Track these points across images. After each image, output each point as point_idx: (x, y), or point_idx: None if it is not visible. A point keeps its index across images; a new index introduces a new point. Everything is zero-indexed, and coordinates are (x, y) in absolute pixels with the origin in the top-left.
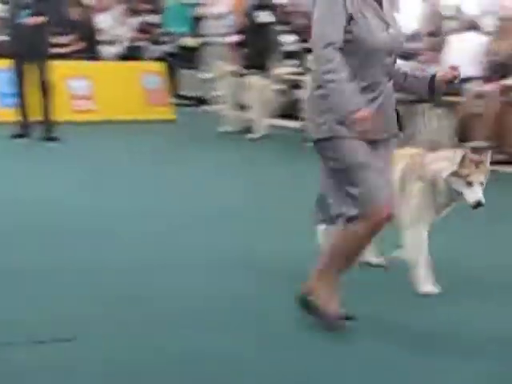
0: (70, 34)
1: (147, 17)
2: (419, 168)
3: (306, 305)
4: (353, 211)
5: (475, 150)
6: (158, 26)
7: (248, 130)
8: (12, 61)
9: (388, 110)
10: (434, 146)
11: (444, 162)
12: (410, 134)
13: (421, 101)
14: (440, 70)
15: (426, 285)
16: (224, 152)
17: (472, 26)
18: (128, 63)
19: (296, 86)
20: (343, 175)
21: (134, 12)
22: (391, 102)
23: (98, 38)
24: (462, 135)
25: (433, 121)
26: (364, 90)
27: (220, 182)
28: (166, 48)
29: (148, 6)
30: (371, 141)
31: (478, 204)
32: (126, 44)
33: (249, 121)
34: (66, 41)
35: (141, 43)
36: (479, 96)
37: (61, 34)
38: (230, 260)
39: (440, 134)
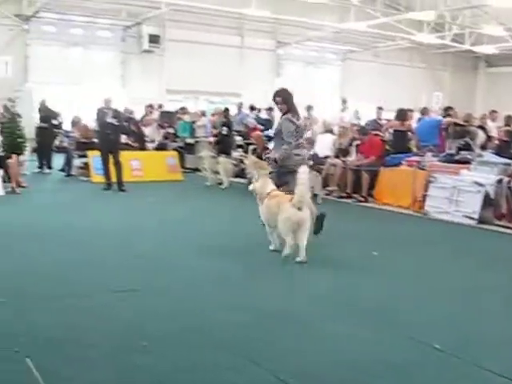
0: (131, 137)
1: (168, 129)
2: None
3: None
4: None
5: (330, 191)
6: (173, 134)
7: (220, 184)
8: (100, 151)
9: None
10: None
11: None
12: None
13: None
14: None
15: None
16: (208, 194)
17: (328, 130)
18: (159, 152)
19: (241, 162)
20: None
21: (162, 127)
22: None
23: (145, 139)
24: (325, 184)
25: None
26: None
27: (208, 208)
28: (178, 144)
29: (168, 124)
30: None
31: None
32: (158, 142)
33: (220, 179)
34: (129, 141)
35: (165, 142)
36: (333, 165)
37: (128, 137)
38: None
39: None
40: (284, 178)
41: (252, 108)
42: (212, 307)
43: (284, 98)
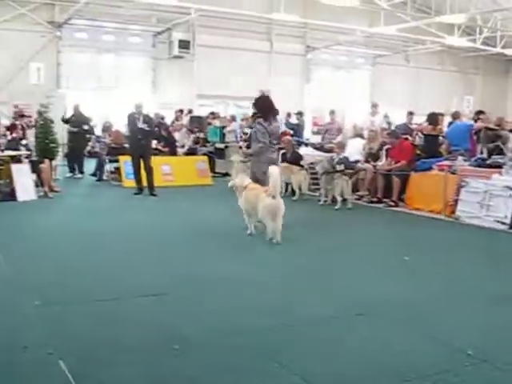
0: (162, 142)
1: (198, 134)
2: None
3: None
4: None
5: (360, 196)
6: (204, 138)
7: None
8: (131, 156)
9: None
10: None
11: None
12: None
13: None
14: None
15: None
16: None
17: (358, 134)
18: (189, 157)
19: None
20: None
21: (192, 131)
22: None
23: (176, 144)
24: (355, 188)
25: (341, 181)
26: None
27: (237, 212)
28: (208, 149)
29: (198, 129)
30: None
31: None
32: (188, 147)
33: None
34: (159, 146)
35: (195, 147)
36: (363, 169)
37: (158, 142)
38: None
39: (344, 188)
40: (258, 169)
41: (288, 114)
42: (243, 310)
43: (259, 106)
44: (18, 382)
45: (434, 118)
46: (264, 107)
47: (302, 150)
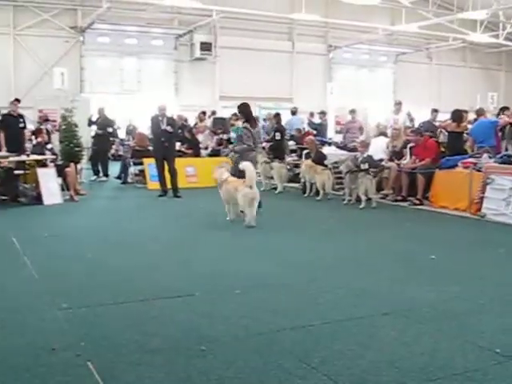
0: (185, 144)
1: (221, 135)
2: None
3: None
4: None
5: (385, 195)
6: (227, 140)
7: (275, 189)
8: (155, 158)
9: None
10: None
11: None
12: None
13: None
14: None
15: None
16: (263, 199)
17: (382, 133)
18: (213, 158)
19: (297, 166)
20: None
21: (215, 133)
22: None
23: (199, 146)
24: (379, 187)
25: (366, 179)
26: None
27: (263, 211)
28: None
29: (221, 130)
30: None
31: None
32: (211, 149)
33: (274, 184)
34: (183, 148)
35: (219, 148)
36: (386, 168)
37: (182, 144)
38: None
39: (369, 187)
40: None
41: (311, 114)
42: (270, 310)
43: (242, 112)
44: (46, 383)
45: (457, 115)
46: (247, 113)
47: (326, 150)
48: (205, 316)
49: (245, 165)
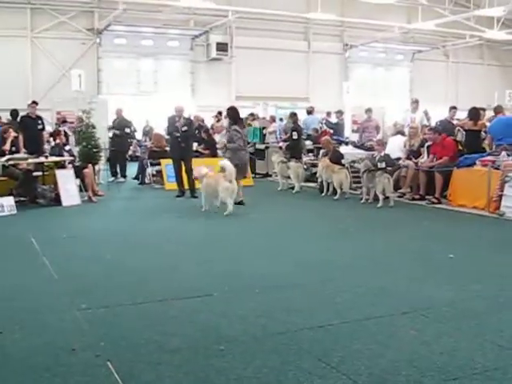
0: (202, 145)
1: None
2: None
3: None
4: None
5: (402, 194)
6: None
7: (292, 188)
8: (172, 159)
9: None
10: None
11: None
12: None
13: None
14: None
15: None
16: (280, 198)
17: (399, 131)
18: None
19: (313, 165)
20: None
21: None
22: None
23: (216, 146)
24: (396, 186)
25: (383, 178)
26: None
27: (280, 211)
28: (249, 150)
29: None
30: None
31: None
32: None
33: (291, 184)
34: (200, 148)
35: None
36: (404, 166)
37: (199, 145)
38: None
39: (386, 186)
40: (232, 162)
41: (328, 114)
42: (288, 309)
43: (230, 115)
44: (66, 383)
45: (474, 113)
46: (235, 116)
47: (343, 149)
48: (223, 316)
49: (224, 163)
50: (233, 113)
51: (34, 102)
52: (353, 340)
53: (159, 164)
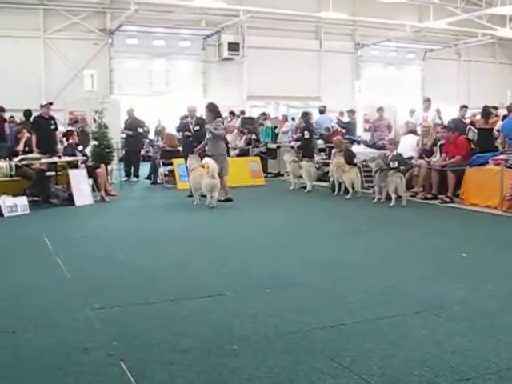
0: None
1: (250, 135)
2: None
3: None
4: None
5: (415, 193)
6: (256, 139)
7: (304, 188)
8: (184, 159)
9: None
10: None
11: None
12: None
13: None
14: None
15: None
16: (292, 198)
17: (411, 130)
18: (242, 158)
19: (326, 165)
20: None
21: (243, 133)
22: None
23: (228, 146)
24: (409, 185)
25: (395, 178)
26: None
27: (290, 210)
28: (260, 149)
29: (248, 130)
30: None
31: None
32: (240, 148)
33: (303, 183)
34: None
35: (247, 148)
36: (417, 165)
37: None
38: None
39: (399, 185)
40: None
41: (341, 113)
42: (300, 309)
43: (211, 110)
44: (79, 382)
45: (486, 112)
46: (216, 111)
47: (355, 148)
48: (235, 315)
49: (208, 160)
50: (213, 107)
51: (50, 103)
52: (365, 340)
53: (171, 164)
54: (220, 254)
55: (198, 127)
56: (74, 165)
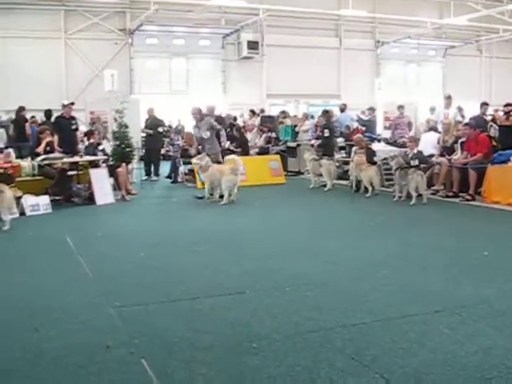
0: (234, 143)
1: (269, 133)
2: None
3: None
4: None
5: (436, 191)
6: (275, 138)
7: (324, 186)
8: None
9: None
10: None
11: None
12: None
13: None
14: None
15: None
16: (312, 196)
17: (432, 128)
18: (262, 156)
19: (346, 163)
20: None
21: (262, 131)
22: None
23: (248, 144)
24: (430, 183)
25: (416, 176)
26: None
27: (310, 209)
28: (280, 148)
29: (269, 128)
30: None
31: None
32: (260, 147)
33: (323, 182)
34: (232, 146)
35: (267, 146)
36: (437, 163)
37: (231, 143)
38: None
39: (419, 183)
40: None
41: (363, 112)
42: (320, 307)
43: (198, 111)
44: (101, 380)
45: (507, 108)
46: (201, 113)
47: (375, 146)
48: (255, 313)
49: (233, 157)
50: (198, 111)
51: (72, 103)
52: (386, 338)
53: (191, 163)
54: (240, 252)
55: (218, 126)
56: (95, 164)
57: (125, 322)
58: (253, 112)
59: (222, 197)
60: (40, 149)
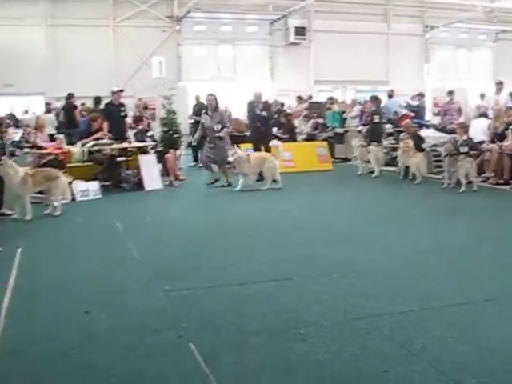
0: (282, 129)
1: (317, 119)
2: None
3: None
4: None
5: (486, 178)
6: (323, 124)
7: (371, 172)
8: (252, 143)
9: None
10: None
11: None
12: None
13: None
14: None
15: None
16: (359, 183)
17: (483, 114)
18: (309, 143)
19: (394, 149)
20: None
21: (309, 117)
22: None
23: (295, 130)
24: (480, 170)
25: (466, 162)
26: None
27: (356, 195)
28: (328, 134)
29: (316, 114)
30: None
31: None
32: (307, 133)
33: (371, 168)
34: (279, 133)
35: (314, 132)
36: (488, 150)
37: (278, 129)
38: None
39: (469, 170)
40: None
41: (412, 98)
42: (367, 294)
43: (214, 99)
44: (150, 363)
45: None
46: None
47: (424, 132)
48: (302, 300)
49: (276, 142)
50: (215, 98)
51: (121, 90)
52: (435, 327)
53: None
54: (286, 238)
55: (265, 112)
56: (143, 150)
57: (173, 305)
58: (300, 98)
59: (274, 181)
60: (90, 137)
